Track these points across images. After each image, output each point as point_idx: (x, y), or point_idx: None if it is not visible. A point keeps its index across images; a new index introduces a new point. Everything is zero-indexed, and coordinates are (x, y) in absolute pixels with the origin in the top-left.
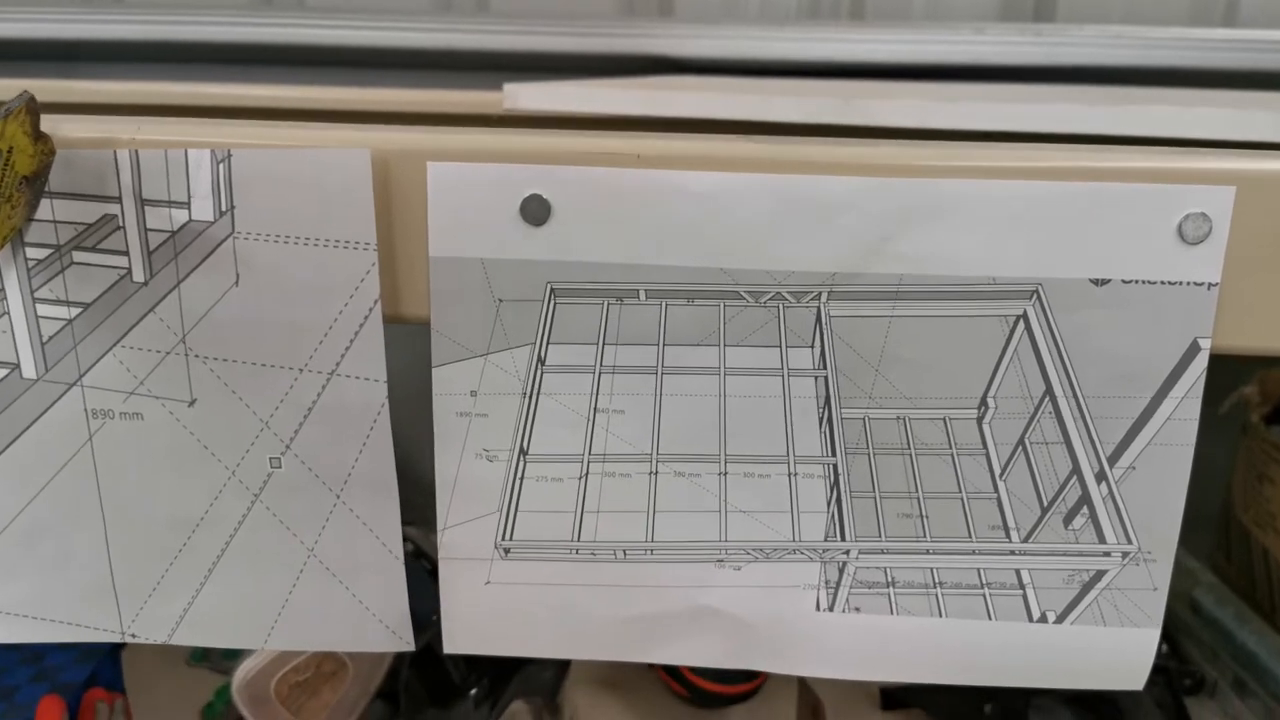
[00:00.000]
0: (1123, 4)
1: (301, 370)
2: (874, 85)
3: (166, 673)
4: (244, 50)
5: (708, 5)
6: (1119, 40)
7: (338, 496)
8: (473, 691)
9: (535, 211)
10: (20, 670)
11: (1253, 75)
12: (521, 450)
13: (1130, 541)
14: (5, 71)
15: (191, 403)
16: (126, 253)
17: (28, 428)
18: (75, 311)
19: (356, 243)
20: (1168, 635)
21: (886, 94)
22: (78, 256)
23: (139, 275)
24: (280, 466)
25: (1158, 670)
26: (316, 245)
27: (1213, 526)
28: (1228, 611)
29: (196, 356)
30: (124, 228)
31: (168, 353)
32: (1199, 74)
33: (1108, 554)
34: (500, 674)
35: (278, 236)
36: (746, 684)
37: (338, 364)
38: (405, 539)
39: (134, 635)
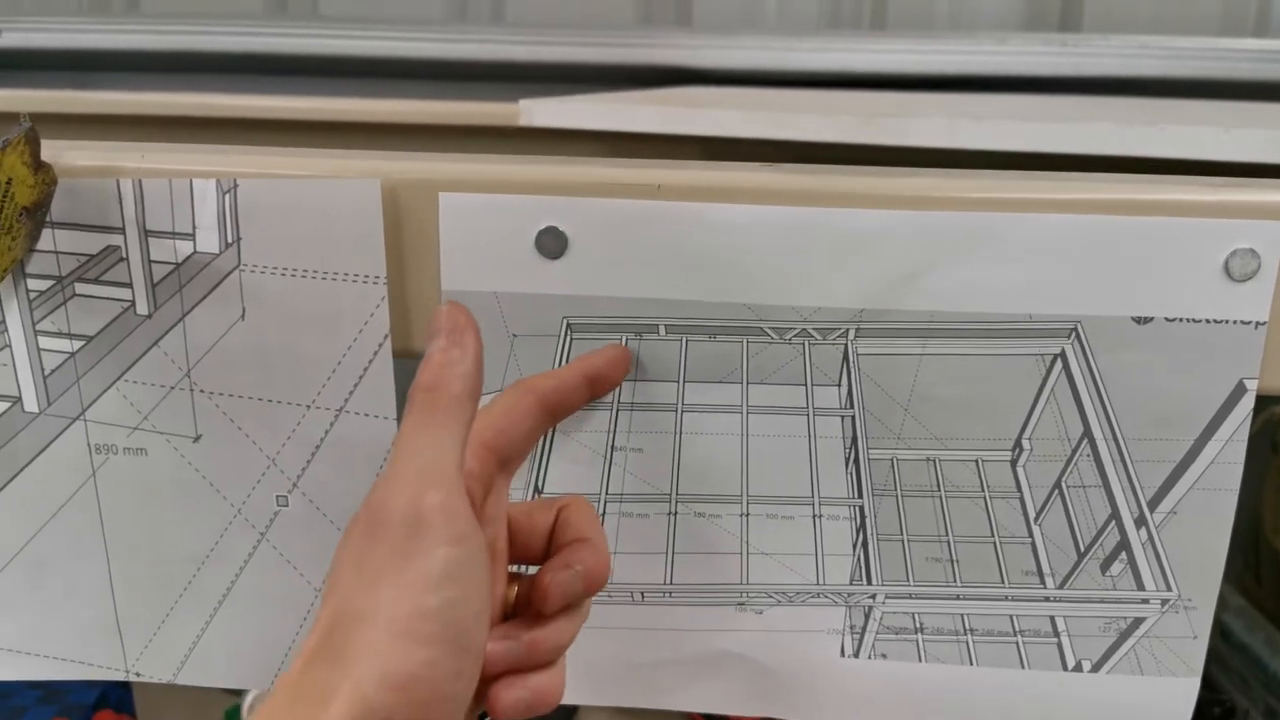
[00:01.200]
0: (1150, 13)
1: (309, 406)
2: (897, 98)
3: (176, 694)
4: (260, 60)
5: (726, 15)
6: (1146, 51)
7: None
8: None
9: (551, 244)
10: (28, 691)
11: None
12: (536, 488)
13: (1170, 588)
14: (18, 82)
15: (196, 438)
16: (130, 285)
17: (30, 462)
18: (78, 344)
19: (366, 276)
20: None
21: (911, 110)
22: (80, 289)
23: (143, 308)
24: (287, 505)
25: None
26: (325, 278)
27: (1241, 548)
28: (1258, 637)
29: (201, 391)
30: (127, 259)
31: (172, 387)
32: (1229, 85)
33: (1146, 601)
34: None
35: (285, 269)
36: None
37: (346, 400)
38: None
39: (138, 674)
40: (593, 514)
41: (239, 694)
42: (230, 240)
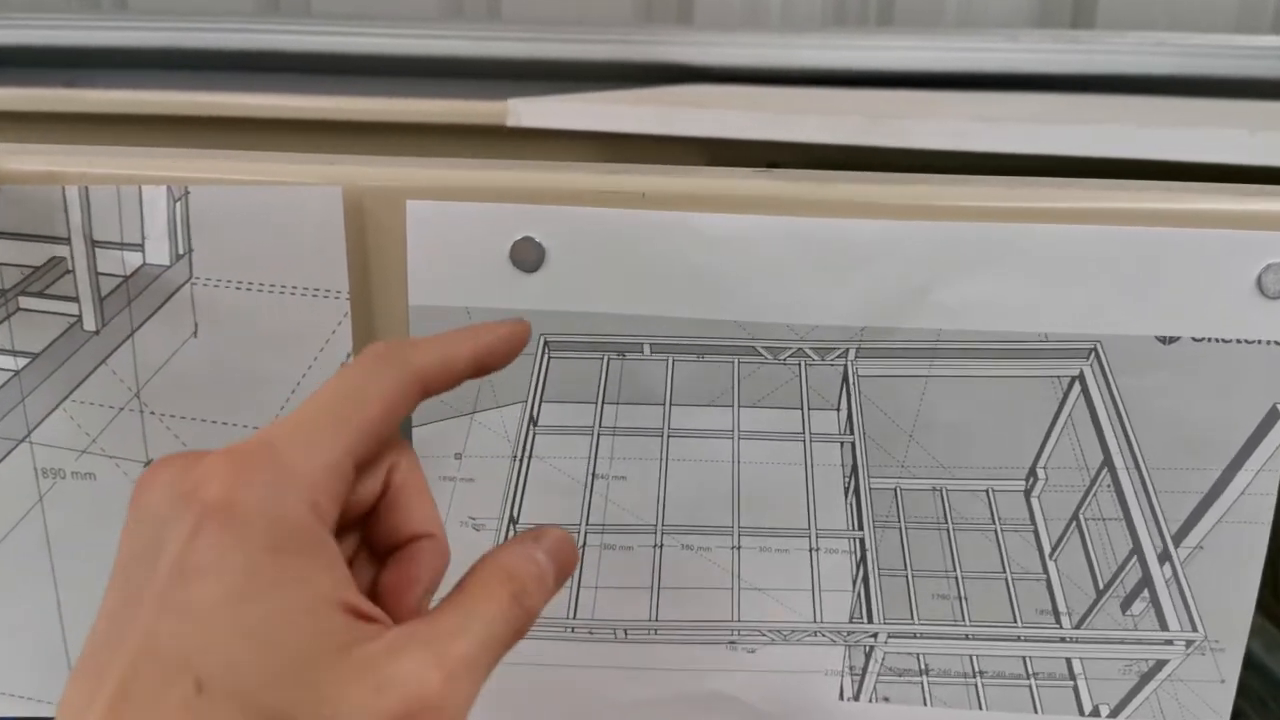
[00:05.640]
0: (1164, 10)
1: None
2: (904, 96)
3: None
4: (250, 58)
5: (728, 11)
6: (1162, 48)
7: None
8: None
9: (527, 255)
10: None
11: None
12: (511, 519)
13: (1196, 629)
14: (5, 79)
15: (147, 463)
16: (77, 299)
17: None
18: (22, 362)
19: (327, 290)
20: None
21: (917, 110)
22: (24, 302)
23: (90, 323)
24: None
25: None
26: (283, 293)
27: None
28: (1278, 658)
29: (152, 413)
30: (74, 271)
31: (122, 408)
32: (1247, 83)
33: (1170, 642)
34: None
35: (239, 283)
36: None
37: None
38: None
39: None
40: (424, 484)
41: None
42: (181, 251)
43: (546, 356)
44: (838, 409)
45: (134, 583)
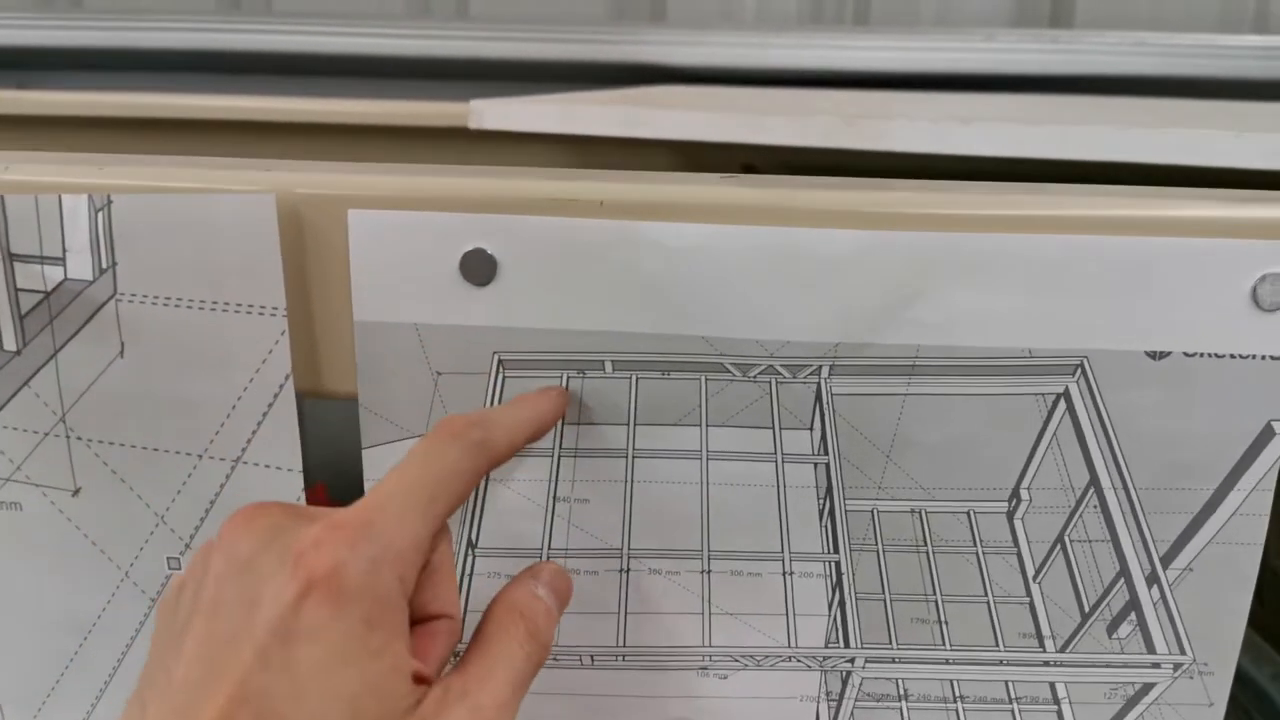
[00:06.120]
0: (1144, 9)
1: (201, 456)
2: (880, 97)
3: None
4: (210, 58)
5: (702, 10)
6: (1142, 48)
7: None
8: None
9: (478, 268)
10: None
11: None
12: (470, 543)
13: (1184, 652)
14: None
15: (75, 491)
16: None
17: None
18: None
19: (263, 306)
20: None
21: (893, 111)
22: None
23: (9, 343)
24: (180, 568)
25: None
26: (214, 309)
27: None
28: (1265, 672)
29: (79, 439)
30: None
31: (46, 433)
32: (1229, 84)
33: (1157, 665)
34: None
35: (168, 299)
36: None
37: (244, 450)
38: None
39: None
40: (453, 566)
41: None
42: (105, 265)
43: (501, 376)
44: (811, 428)
45: (229, 629)
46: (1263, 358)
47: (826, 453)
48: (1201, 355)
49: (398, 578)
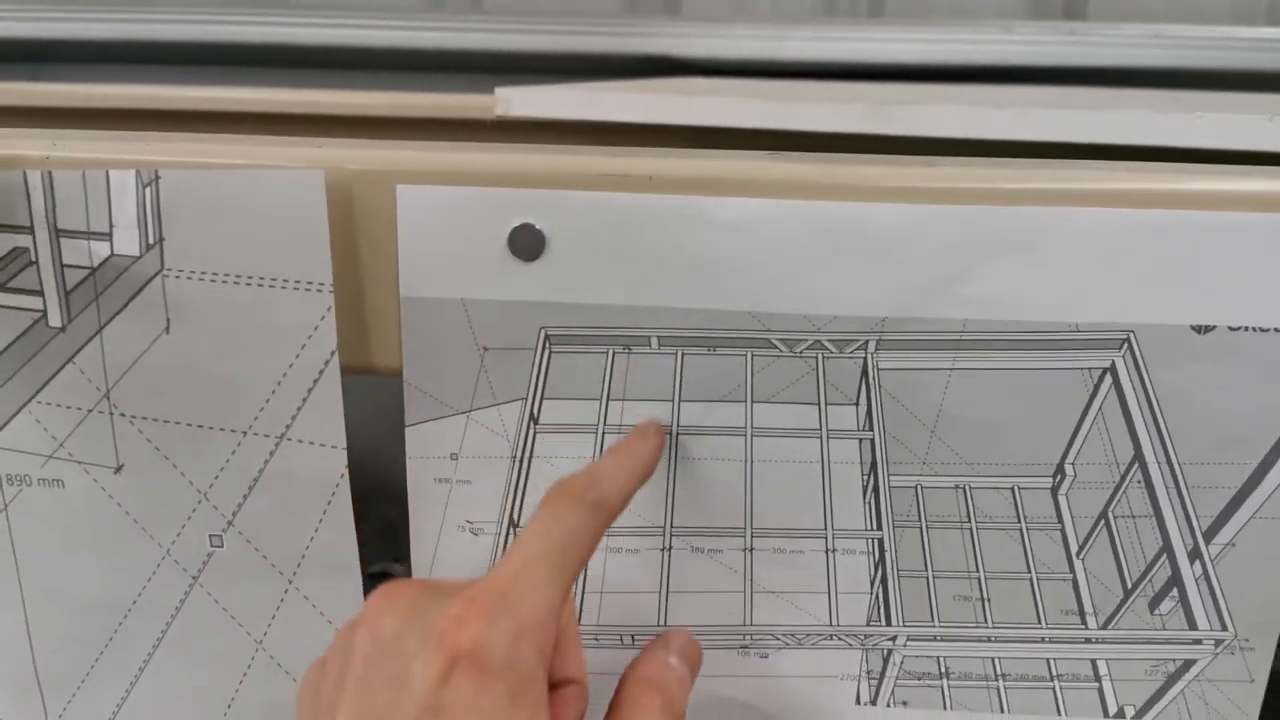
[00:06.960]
0: (1156, 1)
1: (245, 433)
2: (901, 88)
3: None
4: (224, 50)
5: (716, 2)
6: (1160, 40)
7: (290, 581)
8: None
9: (526, 243)
10: None
11: None
12: (512, 522)
13: (1226, 628)
14: None
15: (118, 469)
16: (41, 293)
17: None
18: None
19: (310, 282)
20: None
21: (921, 98)
22: None
23: (55, 319)
24: (222, 545)
25: None
26: (261, 285)
27: None
28: None
29: (122, 415)
30: (37, 263)
31: (90, 410)
32: (1246, 76)
33: (1199, 642)
34: None
35: (215, 275)
36: None
37: (288, 426)
38: None
39: None
40: (578, 631)
41: None
42: (152, 241)
43: (547, 351)
44: (856, 404)
45: (380, 707)
46: None
47: (871, 428)
48: (1247, 329)
49: (537, 650)
